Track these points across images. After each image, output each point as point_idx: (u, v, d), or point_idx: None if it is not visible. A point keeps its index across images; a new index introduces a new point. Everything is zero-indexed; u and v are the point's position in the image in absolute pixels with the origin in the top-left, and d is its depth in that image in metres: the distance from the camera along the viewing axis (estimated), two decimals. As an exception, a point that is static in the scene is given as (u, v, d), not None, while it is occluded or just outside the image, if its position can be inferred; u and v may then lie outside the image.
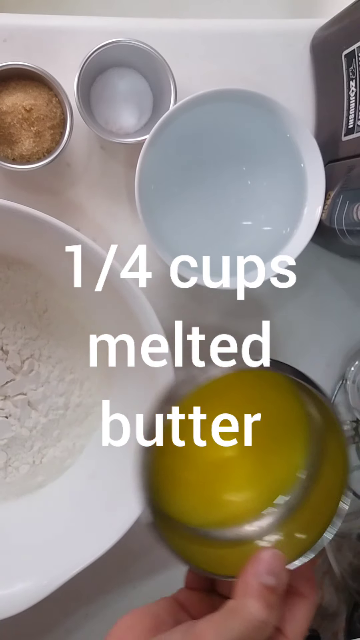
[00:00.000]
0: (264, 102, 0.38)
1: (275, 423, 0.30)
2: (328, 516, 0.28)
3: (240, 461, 0.30)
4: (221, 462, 0.30)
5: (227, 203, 0.42)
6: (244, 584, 0.26)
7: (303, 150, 0.40)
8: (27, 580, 0.37)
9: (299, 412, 0.30)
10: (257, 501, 0.30)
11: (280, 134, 0.40)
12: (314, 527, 0.28)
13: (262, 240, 0.42)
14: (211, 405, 0.28)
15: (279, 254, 0.41)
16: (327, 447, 0.30)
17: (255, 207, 0.42)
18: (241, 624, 0.24)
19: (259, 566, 0.26)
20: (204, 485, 0.30)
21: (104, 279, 0.36)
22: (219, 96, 0.38)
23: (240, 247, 0.42)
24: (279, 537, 0.30)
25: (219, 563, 0.29)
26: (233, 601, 0.26)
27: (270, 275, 0.40)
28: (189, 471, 0.30)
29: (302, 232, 0.41)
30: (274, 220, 0.42)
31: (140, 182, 0.38)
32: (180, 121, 0.38)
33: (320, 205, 0.40)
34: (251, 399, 0.29)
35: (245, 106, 0.39)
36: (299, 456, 0.30)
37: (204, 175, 0.41)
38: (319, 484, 0.30)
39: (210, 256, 0.41)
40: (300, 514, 0.30)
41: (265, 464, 0.30)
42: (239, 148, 0.41)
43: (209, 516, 0.30)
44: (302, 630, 0.27)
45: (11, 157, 0.39)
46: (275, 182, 0.42)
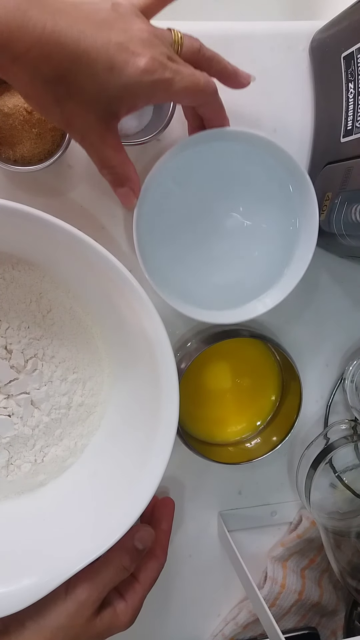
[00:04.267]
0: (261, 142, 0.39)
1: (256, 370, 0.49)
2: (291, 424, 0.47)
3: (234, 396, 0.49)
4: (222, 397, 0.49)
5: (223, 238, 0.43)
6: (122, 542, 0.39)
7: (300, 195, 0.41)
8: (30, 577, 0.37)
9: (270, 360, 0.49)
10: (245, 421, 0.50)
11: (278, 175, 0.41)
12: (282, 431, 0.48)
13: (255, 276, 0.43)
14: (216, 360, 0.47)
15: (271, 289, 0.43)
16: (289, 382, 0.48)
17: (249, 244, 0.43)
18: (111, 570, 0.40)
19: (136, 534, 0.41)
20: (211, 415, 0.49)
21: (105, 280, 0.36)
22: (218, 136, 0.39)
23: (234, 282, 0.43)
24: (258, 440, 0.49)
25: (217, 454, 0.47)
26: (107, 552, 0.38)
27: (262, 311, 0.42)
28: (203, 407, 0.48)
29: (293, 272, 0.42)
30: (267, 258, 0.43)
31: (138, 223, 0.39)
32: (186, 155, 0.40)
33: (312, 247, 0.41)
34: (242, 357, 0.48)
35: (245, 146, 0.40)
36: (273, 390, 0.50)
37: (201, 212, 0.42)
38: (285, 404, 0.49)
39: (204, 289, 0.43)
40: (273, 424, 0.49)
41: (251, 397, 0.50)
42: (237, 186, 0.42)
43: (215, 433, 0.49)
44: (150, 579, 0.43)
45: (13, 158, 0.39)
46: (271, 222, 0.43)
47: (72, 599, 0.38)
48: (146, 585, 0.42)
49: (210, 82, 0.34)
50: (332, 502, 0.49)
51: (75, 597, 0.38)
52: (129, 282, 0.35)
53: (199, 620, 0.54)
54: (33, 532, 0.41)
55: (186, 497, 0.51)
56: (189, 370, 0.43)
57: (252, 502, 0.53)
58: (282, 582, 0.51)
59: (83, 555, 0.37)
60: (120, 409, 0.44)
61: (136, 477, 0.39)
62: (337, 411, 0.52)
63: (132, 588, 0.41)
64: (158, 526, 0.45)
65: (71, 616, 0.38)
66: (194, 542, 0.52)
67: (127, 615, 0.40)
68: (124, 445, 0.42)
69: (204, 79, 0.34)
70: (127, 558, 0.41)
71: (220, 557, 0.53)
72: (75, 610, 0.38)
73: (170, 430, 0.38)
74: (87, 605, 0.38)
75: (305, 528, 0.52)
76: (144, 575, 0.42)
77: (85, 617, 0.38)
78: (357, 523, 0.48)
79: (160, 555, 0.44)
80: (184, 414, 0.43)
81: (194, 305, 0.42)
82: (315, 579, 0.53)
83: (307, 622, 0.54)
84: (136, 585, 0.42)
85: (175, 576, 0.52)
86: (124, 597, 0.41)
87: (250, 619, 0.52)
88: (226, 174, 0.41)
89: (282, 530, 0.54)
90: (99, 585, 0.39)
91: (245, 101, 0.44)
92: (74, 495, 0.43)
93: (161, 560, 0.44)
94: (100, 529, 0.39)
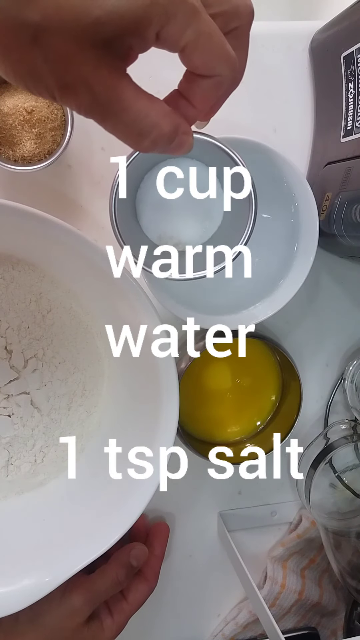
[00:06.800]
0: (258, 148, 0.38)
1: (256, 370, 0.49)
2: (291, 424, 0.47)
3: (234, 396, 0.49)
4: (222, 397, 0.49)
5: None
6: (119, 557, 0.42)
7: (300, 202, 0.41)
8: (30, 577, 0.37)
9: (270, 360, 0.49)
10: (245, 421, 0.50)
11: (278, 183, 0.40)
12: (282, 431, 0.48)
13: (256, 282, 0.43)
14: (216, 360, 0.46)
15: (269, 297, 0.43)
16: (289, 382, 0.48)
17: (250, 250, 0.42)
18: (106, 582, 0.41)
19: (131, 550, 0.43)
20: (211, 415, 0.49)
21: (105, 280, 0.36)
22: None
23: (235, 287, 0.44)
24: (258, 440, 0.49)
25: (218, 454, 0.47)
26: (104, 565, 0.42)
27: (262, 318, 0.42)
28: (203, 408, 0.49)
29: (293, 278, 0.42)
30: (267, 263, 0.43)
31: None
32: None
33: (312, 252, 0.41)
34: (242, 357, 0.47)
35: (245, 154, 0.39)
36: (273, 390, 0.49)
37: None
38: (285, 404, 0.49)
39: (203, 294, 0.43)
40: (273, 424, 0.49)
41: (251, 397, 0.49)
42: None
43: (215, 433, 0.49)
44: (138, 602, 0.44)
45: (12, 158, 0.39)
46: (271, 228, 0.42)
47: (67, 604, 0.39)
48: (133, 607, 0.43)
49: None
50: (332, 502, 0.49)
51: (70, 602, 0.39)
52: (129, 282, 0.35)
53: (199, 620, 0.54)
54: (32, 532, 0.41)
55: (186, 497, 0.51)
56: (189, 370, 0.43)
57: (252, 502, 0.53)
58: (282, 582, 0.51)
59: (83, 556, 0.37)
60: (120, 409, 0.44)
61: (136, 478, 0.39)
62: (337, 411, 0.52)
63: (120, 606, 0.43)
64: (152, 551, 0.46)
65: (64, 620, 0.39)
66: (194, 542, 0.52)
67: (112, 631, 0.41)
68: (124, 445, 0.42)
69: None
70: (123, 573, 0.42)
71: (220, 557, 0.53)
72: (68, 615, 0.39)
73: (170, 430, 0.38)
74: (80, 612, 0.40)
75: (305, 528, 0.52)
76: (133, 596, 0.43)
77: (76, 623, 0.40)
78: (357, 523, 0.48)
79: (152, 579, 0.45)
80: (184, 414, 0.43)
81: (194, 310, 0.42)
82: (315, 579, 0.53)
83: (307, 622, 0.54)
84: (124, 604, 0.43)
85: (175, 576, 0.52)
86: (112, 613, 0.42)
87: (250, 619, 0.52)
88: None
89: (282, 530, 0.54)
90: (93, 595, 0.40)
91: (245, 101, 0.44)
92: (74, 496, 0.43)
93: (151, 585, 0.45)
94: (100, 529, 0.39)
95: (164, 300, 0.40)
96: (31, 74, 0.22)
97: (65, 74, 0.22)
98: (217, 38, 0.23)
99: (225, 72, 0.24)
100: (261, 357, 0.49)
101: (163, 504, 0.51)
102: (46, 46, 0.21)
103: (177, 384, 0.37)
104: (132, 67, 0.23)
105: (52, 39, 0.21)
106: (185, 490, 0.51)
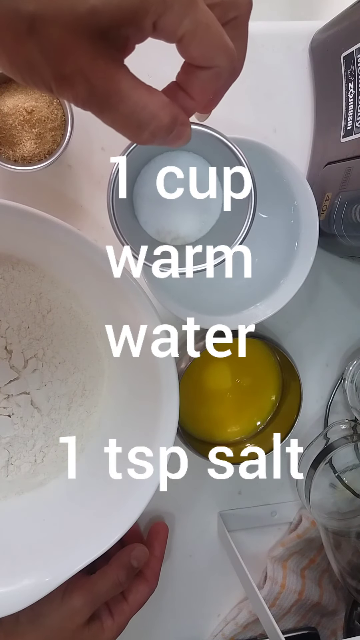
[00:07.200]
0: (257, 148, 0.38)
1: (256, 370, 0.49)
2: (291, 424, 0.47)
3: (234, 396, 0.49)
4: (222, 397, 0.49)
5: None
6: (120, 558, 0.43)
7: (300, 202, 0.40)
8: (30, 577, 0.37)
9: (270, 360, 0.49)
10: (245, 421, 0.50)
11: (278, 183, 0.40)
12: (282, 431, 0.47)
13: (256, 282, 0.43)
14: (216, 360, 0.46)
15: (269, 297, 0.43)
16: (289, 382, 0.48)
17: (250, 250, 0.42)
18: (106, 583, 0.41)
19: (132, 551, 0.43)
20: (211, 415, 0.49)
21: (105, 280, 0.36)
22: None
23: (235, 287, 0.44)
24: (258, 440, 0.49)
25: (218, 454, 0.46)
26: (105, 566, 0.42)
27: (263, 318, 0.42)
28: (203, 407, 0.48)
29: (294, 278, 0.42)
30: (267, 264, 0.43)
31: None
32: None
33: (312, 253, 0.41)
34: (242, 357, 0.46)
35: (245, 154, 0.39)
36: (273, 390, 0.49)
37: None
38: (285, 404, 0.49)
39: (204, 294, 0.43)
40: (273, 424, 0.49)
41: (251, 397, 0.49)
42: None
43: (215, 433, 0.49)
44: (138, 603, 0.44)
45: (12, 158, 0.39)
46: (271, 228, 0.42)
47: (68, 604, 0.39)
48: (134, 608, 0.44)
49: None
50: (332, 502, 0.49)
51: (71, 602, 0.39)
52: (129, 282, 0.35)
53: (199, 620, 0.54)
54: (32, 533, 0.41)
55: (186, 497, 0.51)
56: (189, 370, 0.43)
57: (252, 502, 0.53)
58: (282, 582, 0.51)
59: (83, 556, 0.37)
60: (120, 409, 0.44)
61: (136, 478, 0.39)
62: (337, 411, 0.52)
63: (120, 607, 0.43)
64: (152, 552, 0.46)
65: (64, 620, 0.39)
66: (194, 542, 0.52)
67: (112, 632, 0.42)
68: (124, 445, 0.42)
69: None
70: (124, 574, 0.42)
71: (220, 557, 0.53)
72: (69, 616, 0.39)
73: (170, 430, 0.38)
74: (81, 613, 0.40)
75: (305, 528, 0.52)
76: (133, 597, 0.44)
77: (77, 624, 0.40)
78: (357, 523, 0.48)
79: (152, 580, 0.45)
80: (184, 414, 0.43)
81: (193, 310, 0.42)
82: (315, 579, 0.53)
83: (307, 622, 0.54)
84: (125, 605, 0.43)
85: (175, 576, 0.52)
86: (113, 614, 0.42)
87: (250, 619, 0.52)
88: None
89: (282, 530, 0.54)
90: (94, 596, 0.41)
91: (245, 101, 0.44)
92: (74, 496, 0.43)
93: (152, 586, 0.45)
94: (100, 529, 0.39)
95: (164, 300, 0.40)
96: (27, 65, 0.21)
97: (62, 65, 0.21)
98: (215, 28, 0.22)
99: (223, 63, 0.23)
100: (261, 357, 0.49)
101: (163, 504, 0.51)
102: (42, 36, 0.20)
103: (177, 384, 0.37)
104: (131, 65, 0.23)
105: (47, 29, 0.20)
106: (185, 490, 0.51)
